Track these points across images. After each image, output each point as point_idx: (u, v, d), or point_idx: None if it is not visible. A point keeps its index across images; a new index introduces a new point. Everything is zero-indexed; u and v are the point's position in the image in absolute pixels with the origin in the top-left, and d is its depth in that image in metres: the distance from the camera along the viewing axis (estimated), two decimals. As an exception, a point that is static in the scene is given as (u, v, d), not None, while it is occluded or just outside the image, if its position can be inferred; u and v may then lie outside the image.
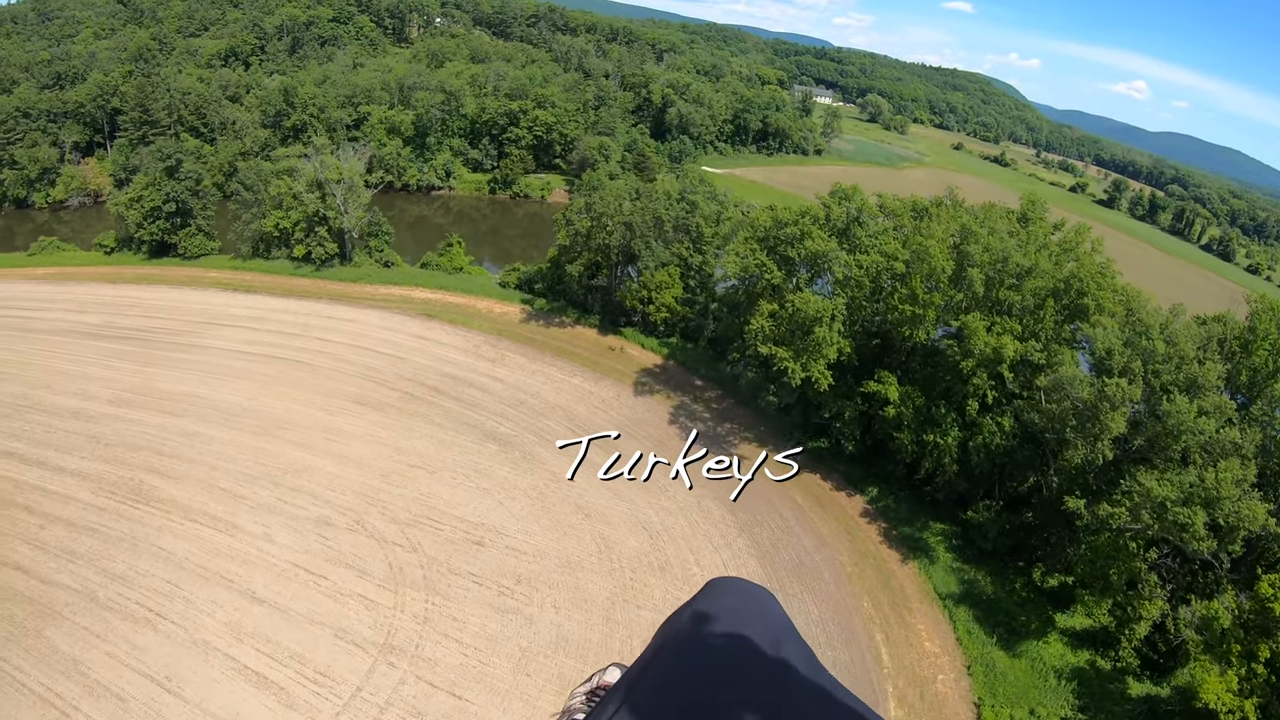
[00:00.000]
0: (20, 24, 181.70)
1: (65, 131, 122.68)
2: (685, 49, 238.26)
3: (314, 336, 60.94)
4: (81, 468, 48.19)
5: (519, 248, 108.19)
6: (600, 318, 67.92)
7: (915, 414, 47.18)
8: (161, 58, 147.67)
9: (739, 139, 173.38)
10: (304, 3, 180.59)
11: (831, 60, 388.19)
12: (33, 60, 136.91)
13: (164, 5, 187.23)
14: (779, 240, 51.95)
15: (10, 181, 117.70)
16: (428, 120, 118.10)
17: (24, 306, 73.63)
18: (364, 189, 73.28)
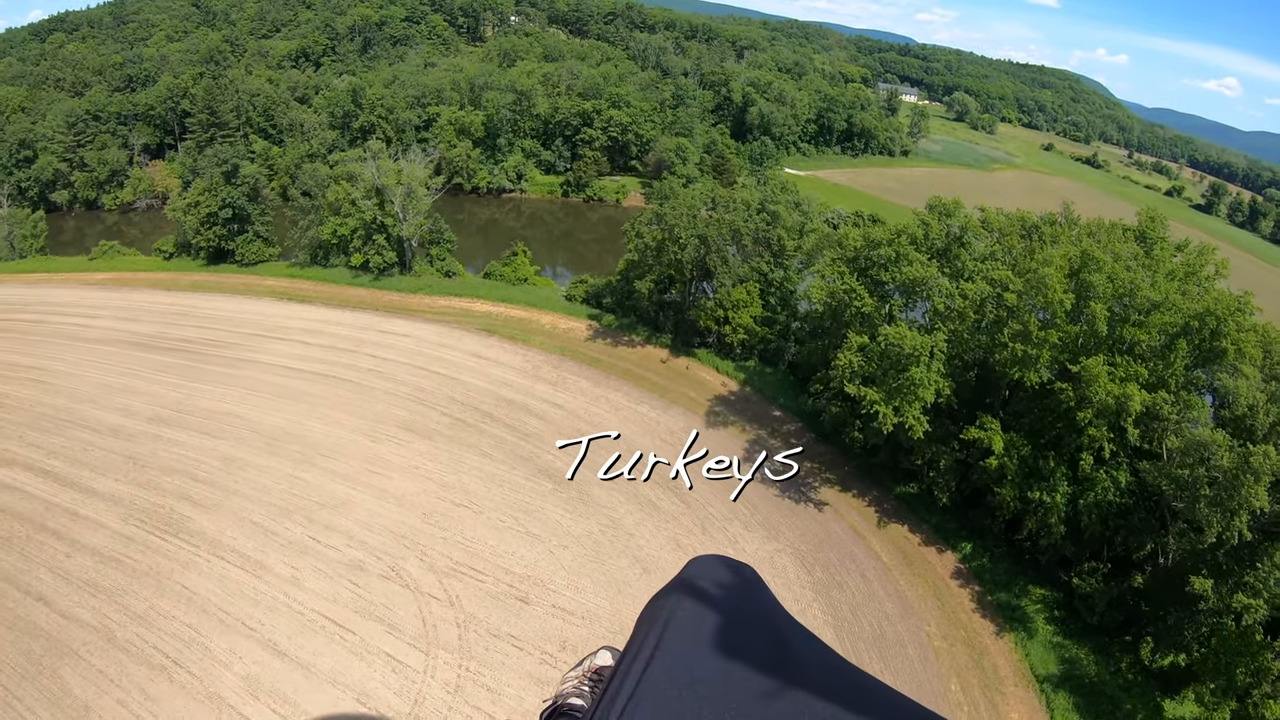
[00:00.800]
0: (96, 28, 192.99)
1: (135, 134, 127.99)
2: (766, 46, 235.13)
3: (366, 353, 59.48)
4: (115, 491, 47.60)
5: (593, 253, 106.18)
6: (672, 337, 64.35)
7: (1020, 465, 41.75)
8: (233, 59, 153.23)
9: (822, 139, 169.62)
10: (376, 2, 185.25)
11: (916, 57, 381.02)
12: (105, 63, 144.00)
13: (237, 7, 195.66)
14: (870, 262, 47.14)
15: (80, 184, 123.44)
16: (498, 121, 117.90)
17: (78, 313, 75.32)
18: (424, 195, 72.02)
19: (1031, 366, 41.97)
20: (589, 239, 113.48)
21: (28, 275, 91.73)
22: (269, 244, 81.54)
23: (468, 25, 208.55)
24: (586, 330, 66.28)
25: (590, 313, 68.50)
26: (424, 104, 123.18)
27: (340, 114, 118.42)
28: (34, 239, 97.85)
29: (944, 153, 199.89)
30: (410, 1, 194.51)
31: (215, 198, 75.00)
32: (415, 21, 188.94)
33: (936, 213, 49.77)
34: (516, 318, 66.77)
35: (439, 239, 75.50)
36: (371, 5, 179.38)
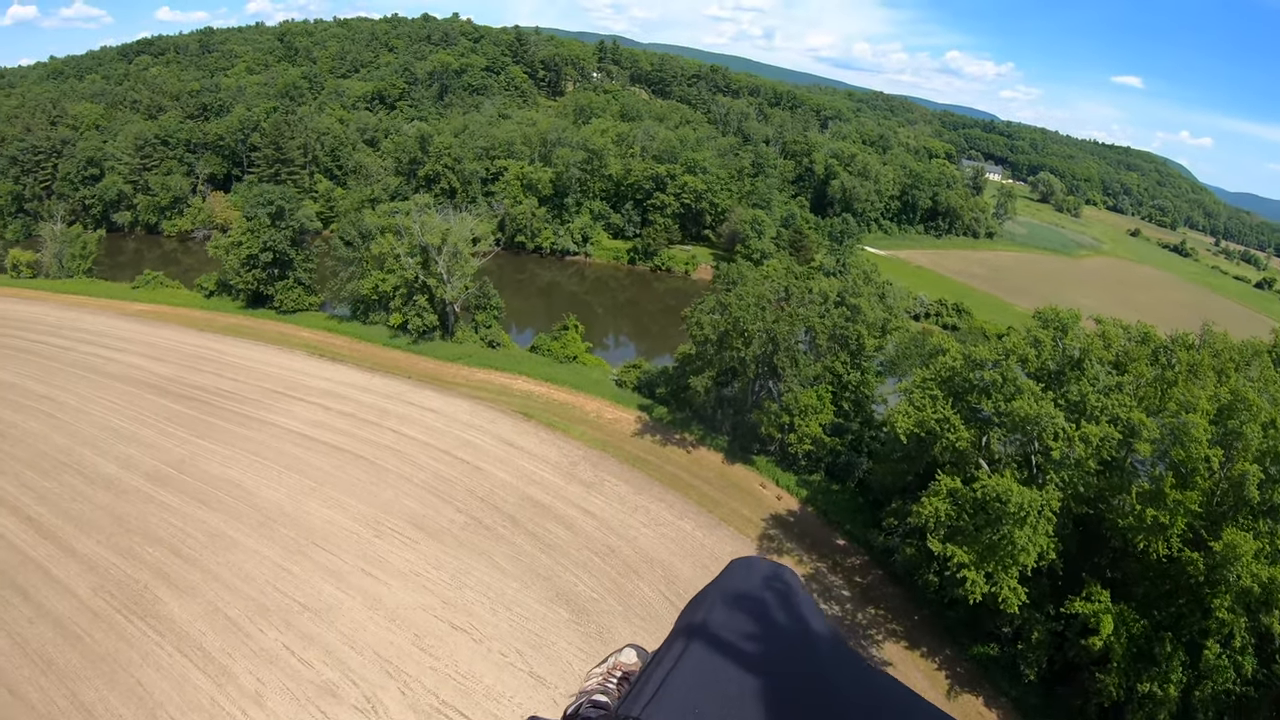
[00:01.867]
0: (182, 54, 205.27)
1: (203, 163, 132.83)
2: (851, 117, 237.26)
3: (389, 426, 57.19)
4: (93, 554, 45.70)
5: (656, 325, 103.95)
6: (729, 440, 60.37)
7: (1129, 645, 35.75)
8: (309, 96, 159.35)
9: (905, 217, 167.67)
10: (458, 50, 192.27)
11: (1000, 134, 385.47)
12: (183, 89, 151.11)
13: (319, 45, 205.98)
14: (970, 385, 42.54)
15: (143, 207, 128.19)
16: (567, 180, 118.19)
17: (104, 344, 75.90)
18: (470, 257, 70.70)
19: (1162, 535, 36.47)
20: (654, 310, 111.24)
21: (68, 297, 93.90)
22: (310, 292, 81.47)
23: (548, 79, 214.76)
24: (635, 423, 62.83)
25: (641, 403, 65.21)
26: (492, 156, 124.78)
27: (407, 160, 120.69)
28: (82, 259, 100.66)
29: (1029, 236, 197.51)
30: (492, 51, 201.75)
31: (257, 239, 75.38)
32: (495, 72, 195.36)
33: (1051, 327, 45.03)
34: (559, 401, 63.87)
35: (486, 304, 73.95)
36: (453, 53, 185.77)
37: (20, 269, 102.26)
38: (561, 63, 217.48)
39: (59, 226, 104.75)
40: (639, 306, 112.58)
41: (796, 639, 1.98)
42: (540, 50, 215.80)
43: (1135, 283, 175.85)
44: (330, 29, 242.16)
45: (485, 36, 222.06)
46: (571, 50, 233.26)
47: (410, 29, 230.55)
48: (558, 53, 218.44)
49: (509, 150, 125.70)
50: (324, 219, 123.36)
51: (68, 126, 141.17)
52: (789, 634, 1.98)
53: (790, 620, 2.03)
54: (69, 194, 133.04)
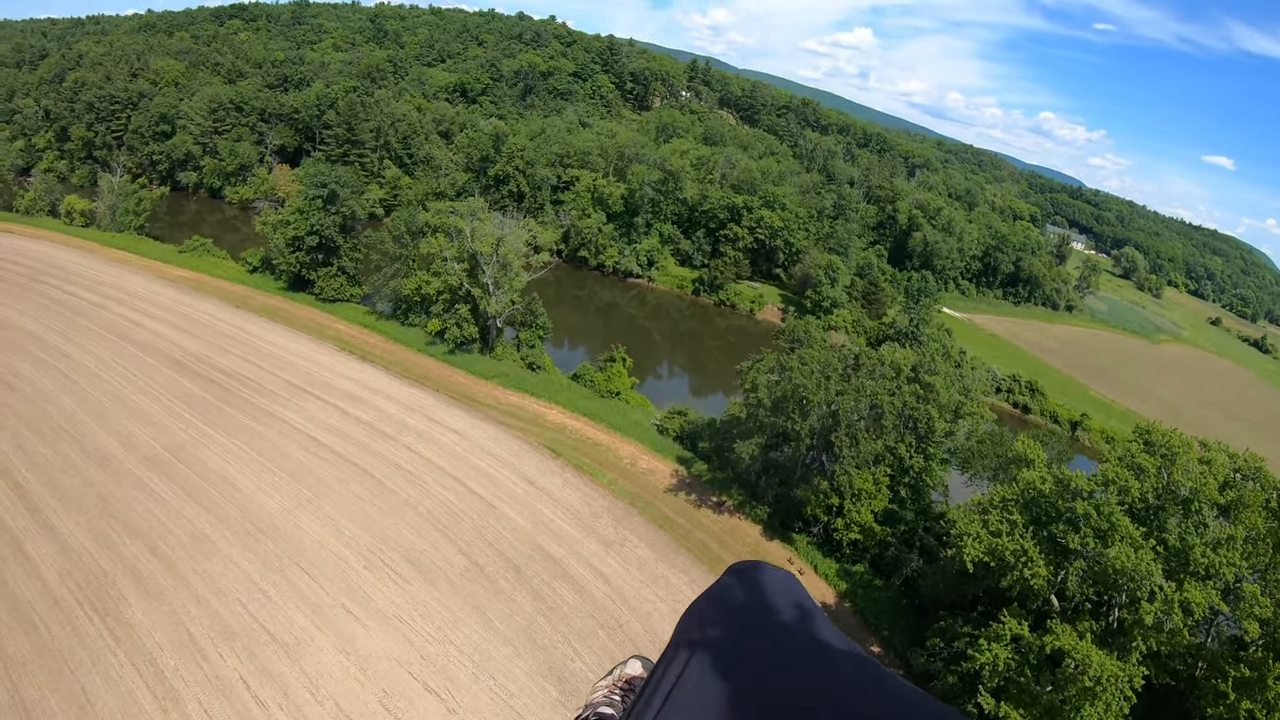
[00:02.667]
0: (273, 22, 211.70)
1: (275, 134, 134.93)
2: (939, 167, 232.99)
3: (405, 443, 55.03)
4: (70, 535, 44.46)
5: (713, 362, 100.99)
6: (769, 512, 56.56)
7: None
8: (392, 80, 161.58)
9: (985, 280, 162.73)
10: (548, 52, 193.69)
11: (1087, 202, 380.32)
12: (267, 58, 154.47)
13: (410, 31, 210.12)
14: (1056, 514, 38.00)
15: (208, 170, 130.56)
16: (640, 198, 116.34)
17: (137, 308, 76.11)
18: (521, 270, 68.60)
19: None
20: (711, 346, 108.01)
21: (114, 252, 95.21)
22: (353, 282, 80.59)
23: (635, 92, 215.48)
24: (670, 477, 59.50)
25: (680, 454, 61.93)
26: (566, 164, 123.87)
27: (478, 157, 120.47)
28: (135, 215, 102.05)
29: (1109, 313, 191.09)
30: (582, 58, 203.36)
31: (305, 221, 74.67)
32: (582, 79, 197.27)
33: (1156, 453, 40.24)
34: (592, 441, 60.98)
35: (532, 322, 71.76)
36: (542, 54, 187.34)
37: (74, 216, 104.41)
38: (651, 77, 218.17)
39: (118, 179, 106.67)
40: (696, 340, 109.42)
41: (803, 644, 1.94)
42: (631, 62, 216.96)
43: (1214, 376, 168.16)
44: (423, 16, 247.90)
45: (578, 42, 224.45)
46: (663, 65, 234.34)
47: (503, 25, 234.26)
48: (648, 66, 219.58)
49: (584, 160, 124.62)
50: (386, 206, 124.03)
51: (147, 80, 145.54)
52: (795, 639, 1.96)
53: (796, 625, 2.01)
54: (138, 147, 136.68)
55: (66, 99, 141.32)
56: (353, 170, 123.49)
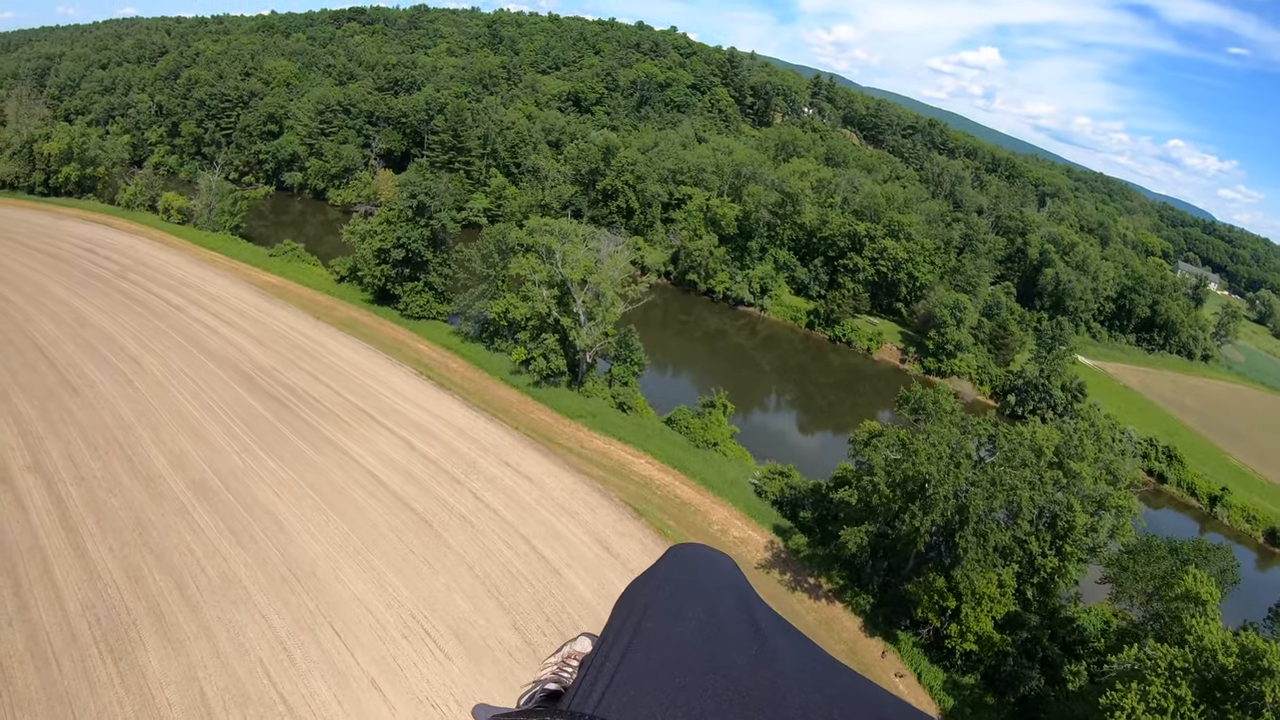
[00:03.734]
0: (390, 26, 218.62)
1: (381, 138, 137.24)
2: (1070, 196, 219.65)
3: (471, 488, 51.66)
4: (100, 563, 43.13)
5: (823, 400, 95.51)
6: (873, 603, 50.34)
7: None
8: (504, 86, 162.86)
9: (1118, 324, 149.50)
10: (666, 63, 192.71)
11: (1221, 239, 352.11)
12: (379, 60, 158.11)
13: (526, 38, 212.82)
14: (1235, 691, 30.64)
15: (313, 171, 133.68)
16: (755, 220, 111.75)
17: (217, 314, 76.63)
18: (617, 299, 64.62)
19: None
20: (824, 383, 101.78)
21: (205, 253, 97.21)
22: (440, 298, 78.79)
23: (756, 107, 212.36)
24: (764, 549, 54.04)
25: (778, 523, 56.39)
26: (679, 180, 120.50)
27: (586, 169, 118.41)
28: (230, 215, 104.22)
29: (1246, 364, 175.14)
30: (701, 69, 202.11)
31: (392, 233, 73.24)
32: (701, 91, 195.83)
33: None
34: (681, 500, 56.19)
35: (627, 357, 67.72)
36: (660, 65, 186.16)
37: (171, 213, 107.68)
38: (772, 92, 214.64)
39: (216, 178, 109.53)
40: (806, 377, 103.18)
41: (742, 625, 2.05)
42: (752, 76, 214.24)
43: None
44: (540, 23, 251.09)
45: (697, 53, 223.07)
46: (785, 80, 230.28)
47: (621, 34, 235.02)
48: (770, 81, 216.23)
49: (697, 177, 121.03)
50: (490, 216, 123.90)
51: (259, 80, 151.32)
52: (734, 620, 2.07)
53: (734, 606, 2.13)
54: (246, 145, 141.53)
55: (180, 95, 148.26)
56: (457, 178, 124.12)
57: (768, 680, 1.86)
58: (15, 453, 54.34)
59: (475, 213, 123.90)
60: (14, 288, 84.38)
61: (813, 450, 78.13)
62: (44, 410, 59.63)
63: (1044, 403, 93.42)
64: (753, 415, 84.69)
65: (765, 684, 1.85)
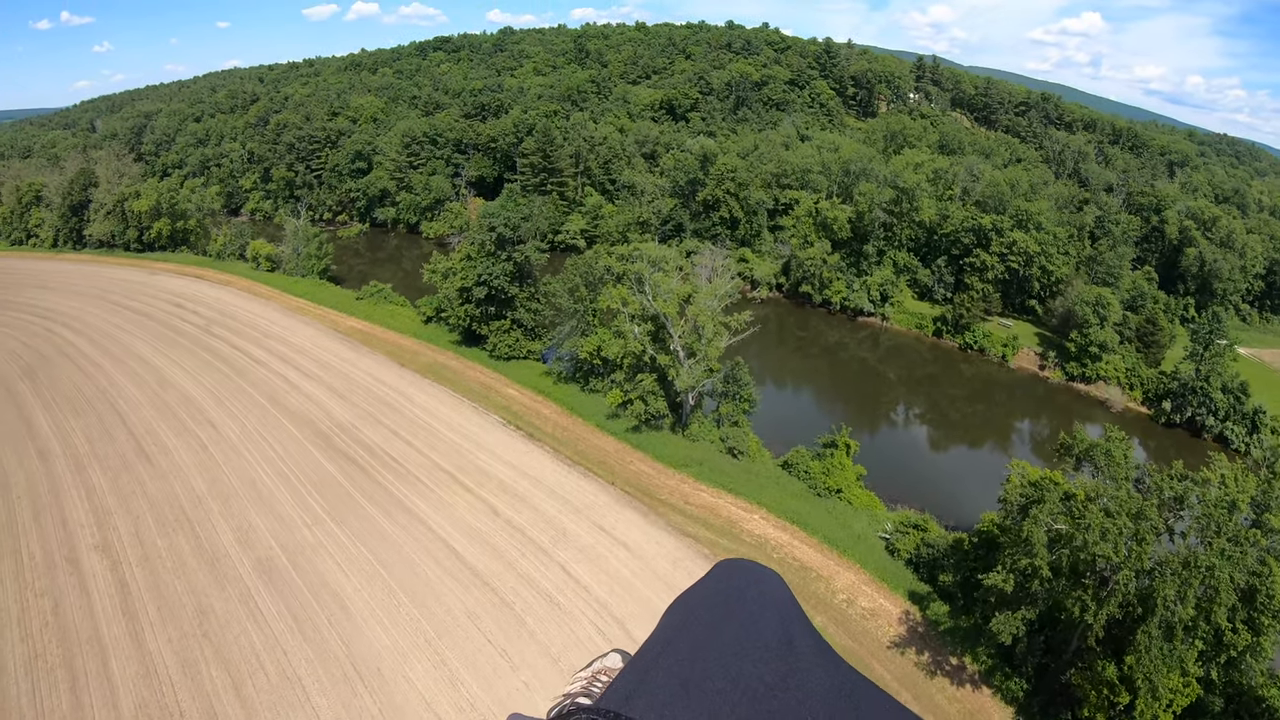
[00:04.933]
0: (475, 52, 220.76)
1: (471, 165, 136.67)
2: (1198, 163, 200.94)
3: (560, 559, 47.00)
4: (158, 655, 41.73)
5: (958, 415, 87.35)
6: (1027, 690, 42.73)
7: None
8: (594, 100, 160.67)
9: (1269, 303, 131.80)
10: (760, 60, 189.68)
11: None
12: (465, 87, 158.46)
13: (613, 49, 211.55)
14: None
15: (404, 205, 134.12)
16: (869, 222, 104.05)
17: (298, 366, 75.83)
18: (721, 329, 58.71)
19: None
20: (956, 395, 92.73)
21: (292, 300, 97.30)
22: (531, 335, 75.10)
23: (858, 98, 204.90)
24: (897, 622, 47.05)
25: (913, 587, 49.29)
26: (783, 184, 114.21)
27: (685, 180, 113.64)
28: (317, 259, 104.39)
29: None
30: (798, 64, 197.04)
31: (473, 269, 69.99)
32: (799, 86, 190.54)
33: None
34: (800, 563, 49.93)
35: (736, 393, 61.96)
36: (754, 63, 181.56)
37: (259, 261, 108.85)
38: (874, 80, 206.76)
39: (301, 222, 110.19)
40: (937, 391, 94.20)
41: (775, 642, 2.10)
42: (851, 65, 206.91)
43: None
44: (627, 33, 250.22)
45: (792, 47, 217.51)
46: (886, 66, 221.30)
47: (711, 36, 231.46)
48: (870, 68, 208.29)
49: (803, 179, 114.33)
50: (588, 237, 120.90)
51: (346, 118, 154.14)
52: (768, 636, 2.11)
53: (772, 623, 2.17)
54: (336, 185, 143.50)
55: (270, 141, 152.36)
56: (550, 200, 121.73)
57: (794, 701, 1.90)
58: (85, 530, 53.64)
59: (571, 235, 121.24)
60: (103, 350, 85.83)
61: (949, 480, 70.33)
62: (117, 483, 58.84)
63: (1204, 408, 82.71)
64: (880, 439, 77.69)
65: (791, 705, 1.88)
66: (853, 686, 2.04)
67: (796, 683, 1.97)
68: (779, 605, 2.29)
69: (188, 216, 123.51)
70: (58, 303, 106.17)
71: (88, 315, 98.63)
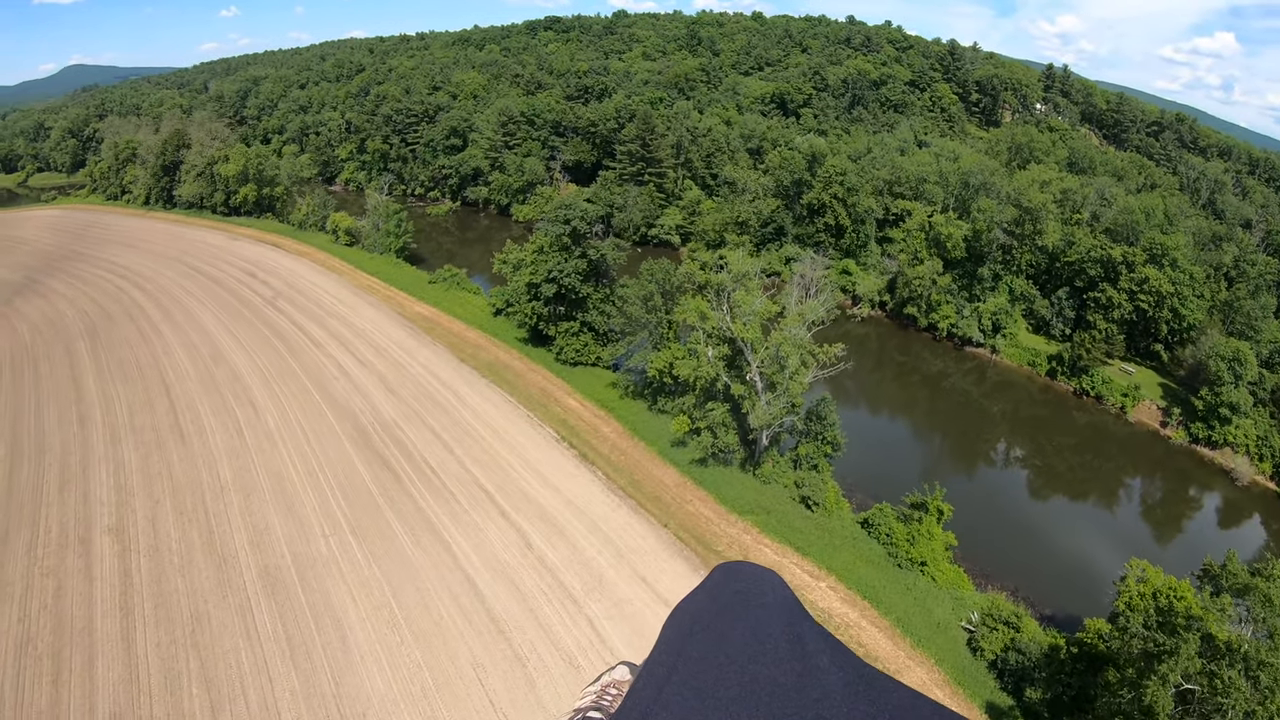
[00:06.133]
0: (585, 33, 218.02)
1: (569, 149, 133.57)
2: None
3: (589, 614, 42.30)
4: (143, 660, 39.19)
5: (1062, 463, 78.86)
6: None
7: None
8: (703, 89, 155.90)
9: None
10: (880, 58, 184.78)
11: None
12: (571, 68, 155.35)
13: (727, 38, 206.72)
14: None
15: (496, 186, 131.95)
16: (987, 242, 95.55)
17: (354, 351, 75.20)
18: (809, 357, 52.79)
19: None
20: (1063, 444, 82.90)
21: (363, 278, 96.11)
22: (601, 341, 70.69)
23: (982, 104, 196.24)
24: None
25: (993, 699, 42.41)
26: (895, 193, 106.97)
27: (790, 181, 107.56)
28: (395, 236, 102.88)
29: None
30: (919, 64, 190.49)
31: (544, 264, 65.95)
32: (920, 88, 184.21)
33: None
34: (867, 649, 43.77)
35: (818, 433, 56.17)
36: (873, 61, 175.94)
37: (339, 234, 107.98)
38: (1000, 86, 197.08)
39: (382, 197, 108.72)
40: (1043, 436, 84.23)
41: (788, 644, 2.10)
42: (976, 69, 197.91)
43: None
44: (743, 22, 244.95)
45: (914, 47, 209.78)
46: (1013, 73, 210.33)
47: (830, 30, 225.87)
48: (996, 74, 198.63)
49: (917, 189, 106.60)
50: (683, 234, 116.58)
51: (446, 93, 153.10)
52: (780, 639, 2.12)
53: (780, 625, 2.18)
54: (430, 160, 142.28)
55: (368, 112, 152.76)
56: (647, 191, 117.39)
57: (814, 700, 1.90)
58: (104, 509, 52.51)
59: (666, 230, 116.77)
60: (167, 315, 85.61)
61: (1050, 552, 62.12)
62: (146, 461, 57.36)
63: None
64: (974, 489, 70.11)
65: (811, 702, 1.89)
66: (870, 680, 2.03)
67: (813, 681, 1.96)
68: (784, 605, 2.29)
69: (275, 183, 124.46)
70: (137, 262, 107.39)
71: (161, 278, 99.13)
